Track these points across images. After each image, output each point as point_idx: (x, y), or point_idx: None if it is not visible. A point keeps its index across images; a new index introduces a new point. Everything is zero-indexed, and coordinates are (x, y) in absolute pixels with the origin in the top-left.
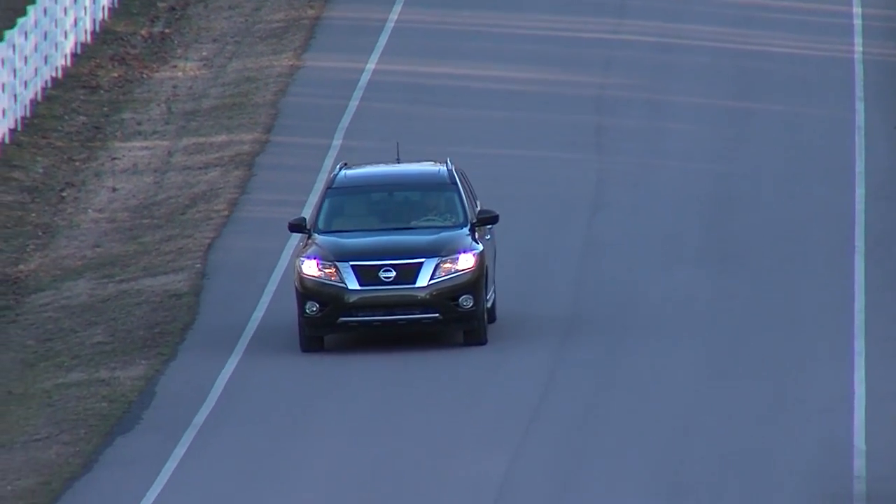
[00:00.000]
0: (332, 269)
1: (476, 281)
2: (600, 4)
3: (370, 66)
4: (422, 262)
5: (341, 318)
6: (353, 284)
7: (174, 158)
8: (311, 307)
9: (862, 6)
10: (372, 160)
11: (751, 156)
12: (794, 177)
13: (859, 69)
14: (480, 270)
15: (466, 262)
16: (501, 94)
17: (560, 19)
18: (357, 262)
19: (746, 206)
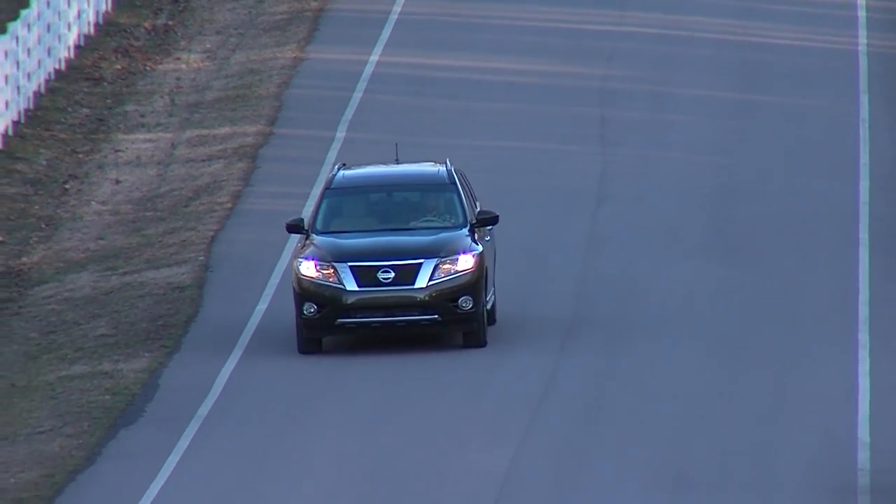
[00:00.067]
0: (331, 270)
1: (476, 282)
2: None
3: (374, 58)
4: (421, 263)
5: (339, 320)
6: (352, 285)
7: (177, 151)
8: (309, 308)
9: None
10: (374, 155)
11: (754, 148)
12: (798, 169)
13: (863, 61)
14: (480, 271)
15: (466, 262)
16: (504, 86)
17: (563, 11)
18: (355, 263)
19: (750, 198)
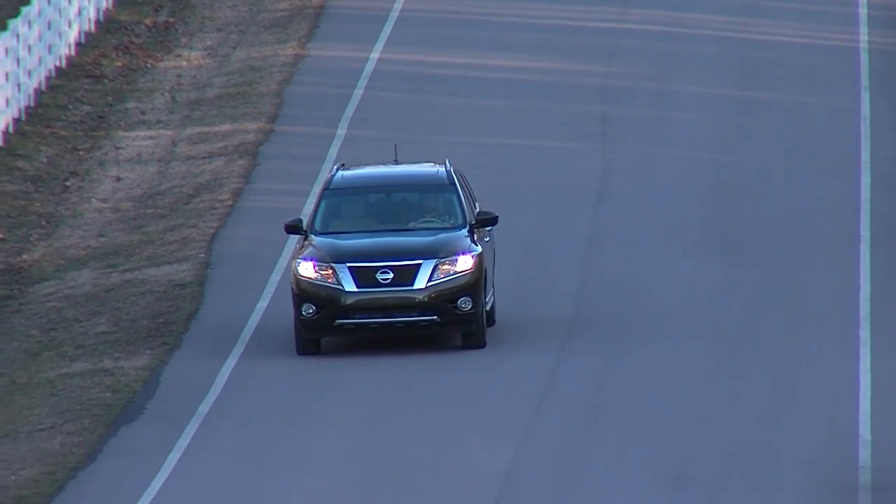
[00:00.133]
0: (329, 270)
1: (475, 283)
2: None
3: (374, 55)
4: (420, 264)
5: (338, 321)
6: (350, 286)
7: (178, 148)
8: (308, 309)
9: None
10: (375, 152)
11: (755, 145)
12: (799, 166)
13: (864, 58)
14: (479, 272)
15: (465, 263)
16: (505, 83)
17: (564, 8)
18: (354, 264)
19: (751, 195)
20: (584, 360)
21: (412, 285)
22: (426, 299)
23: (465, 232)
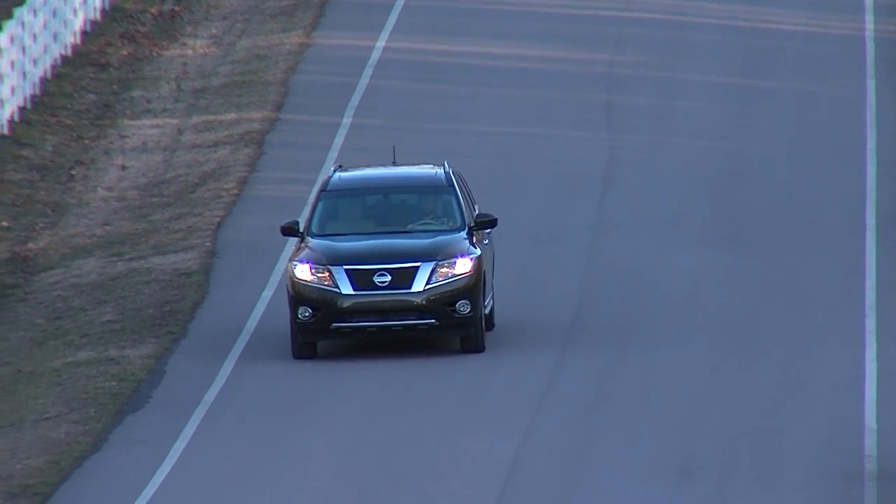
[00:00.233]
0: (326, 273)
1: (474, 286)
2: None
3: (380, 43)
4: (417, 267)
5: (334, 324)
6: (347, 289)
7: (184, 136)
8: (304, 312)
9: None
10: (380, 139)
11: (761, 134)
12: (805, 155)
13: (870, 47)
14: (478, 275)
15: (464, 266)
16: (511, 71)
17: None
18: (351, 266)
19: (756, 184)
20: (586, 357)
21: (410, 288)
22: (424, 302)
23: (463, 234)
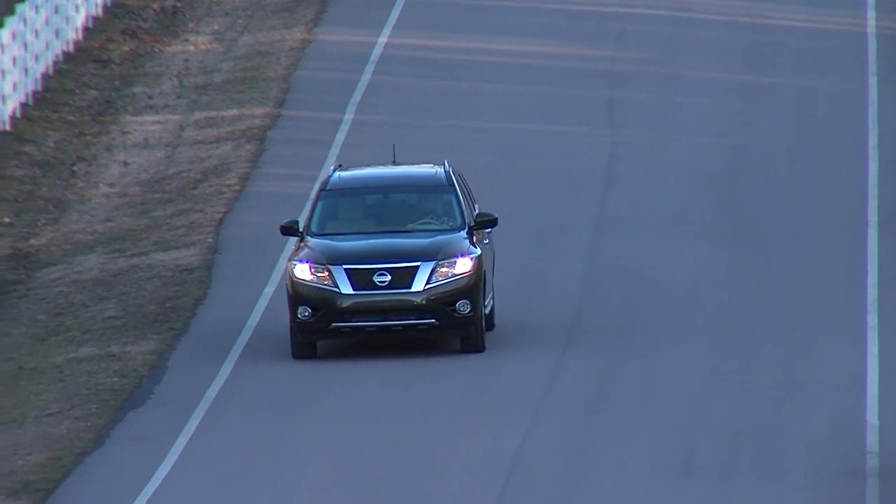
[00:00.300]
0: (325, 272)
1: (474, 285)
2: None
3: (382, 39)
4: (417, 266)
5: (334, 324)
6: (347, 289)
7: (185, 133)
8: (304, 312)
9: None
10: (381, 135)
11: (762, 130)
12: (807, 151)
13: (872, 43)
14: (478, 275)
15: (464, 266)
16: (513, 67)
17: None
18: (351, 266)
19: (758, 180)
20: (587, 357)
21: (410, 288)
22: (424, 302)
23: (463, 234)
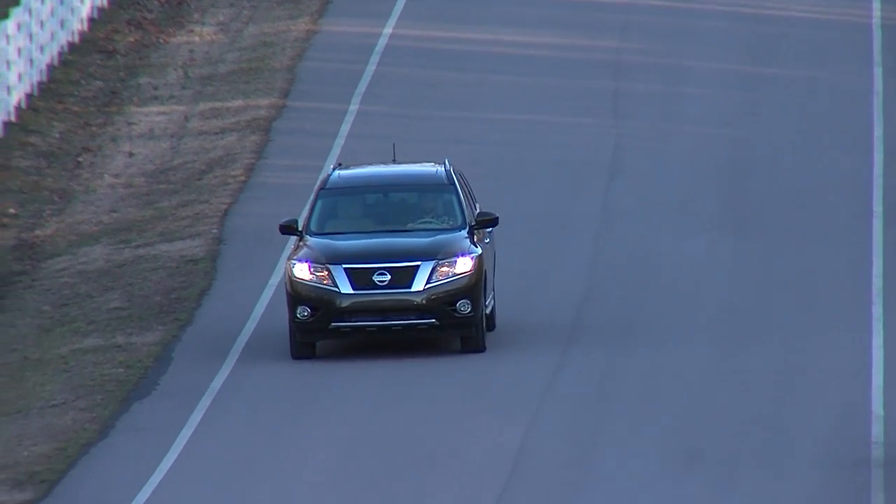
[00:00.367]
0: (325, 272)
1: (474, 285)
2: None
3: (387, 30)
4: (418, 266)
5: (333, 324)
6: (346, 288)
7: (191, 123)
8: (303, 312)
9: None
10: (386, 127)
11: (768, 121)
12: (812, 142)
13: (878, 34)
14: (479, 274)
15: (464, 265)
16: (518, 58)
17: None
18: (350, 265)
19: (763, 171)
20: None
21: (410, 287)
22: (424, 302)
23: (464, 233)
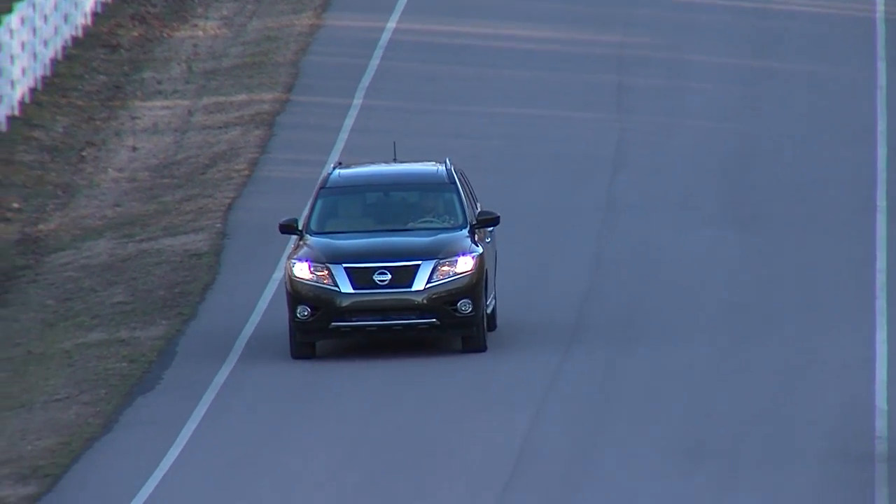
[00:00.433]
0: (325, 271)
1: (475, 285)
2: None
3: (391, 24)
4: (418, 265)
5: (334, 323)
6: (347, 288)
7: (194, 118)
8: (303, 311)
9: None
10: (390, 121)
11: (771, 115)
12: (815, 137)
13: (881, 28)
14: (480, 274)
15: (465, 264)
16: (521, 53)
17: None
18: (350, 265)
19: (767, 166)
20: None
21: (410, 287)
22: (425, 301)
23: (465, 232)
